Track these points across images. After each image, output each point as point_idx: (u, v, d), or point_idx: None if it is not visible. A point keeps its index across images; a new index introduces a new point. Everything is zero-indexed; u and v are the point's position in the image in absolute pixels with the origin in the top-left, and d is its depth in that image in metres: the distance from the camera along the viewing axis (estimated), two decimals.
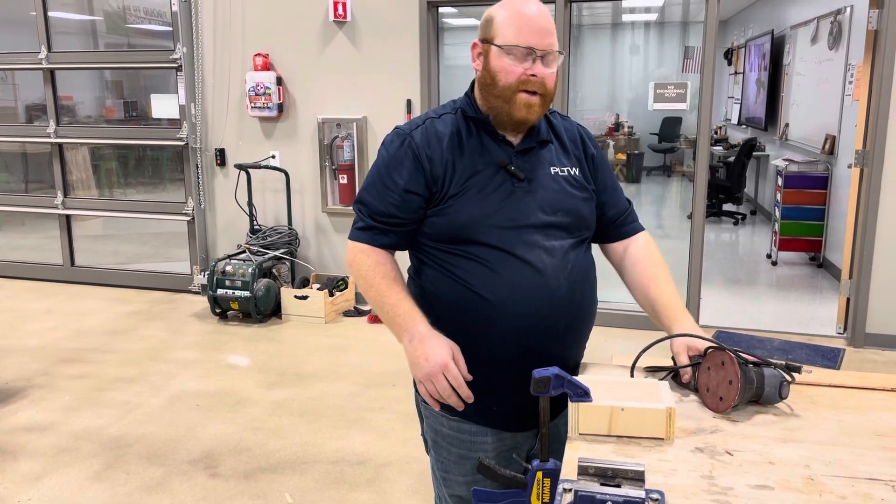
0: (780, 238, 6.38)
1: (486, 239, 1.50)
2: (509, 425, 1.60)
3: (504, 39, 1.47)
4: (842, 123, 5.99)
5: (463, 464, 1.62)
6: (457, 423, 1.60)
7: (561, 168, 1.58)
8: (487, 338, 1.50)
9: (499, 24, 1.49)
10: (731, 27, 11.24)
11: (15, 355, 4.41)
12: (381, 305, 1.53)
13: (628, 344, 4.57)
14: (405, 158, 1.53)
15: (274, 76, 5.18)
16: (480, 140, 1.54)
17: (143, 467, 3.11)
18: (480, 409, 1.55)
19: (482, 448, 1.60)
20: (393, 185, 1.53)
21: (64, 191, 6.04)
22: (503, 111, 1.50)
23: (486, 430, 1.60)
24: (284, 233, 5.29)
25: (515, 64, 1.47)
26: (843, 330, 4.68)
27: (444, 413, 1.59)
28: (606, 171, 1.68)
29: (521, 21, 1.47)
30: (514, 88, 1.47)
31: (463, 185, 1.51)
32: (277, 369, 4.19)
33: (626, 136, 9.32)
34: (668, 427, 1.35)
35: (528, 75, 1.46)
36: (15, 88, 6.38)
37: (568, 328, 1.59)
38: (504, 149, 1.55)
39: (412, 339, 1.46)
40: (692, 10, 6.72)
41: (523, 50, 1.46)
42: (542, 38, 1.47)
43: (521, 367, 1.48)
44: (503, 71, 1.47)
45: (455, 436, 1.62)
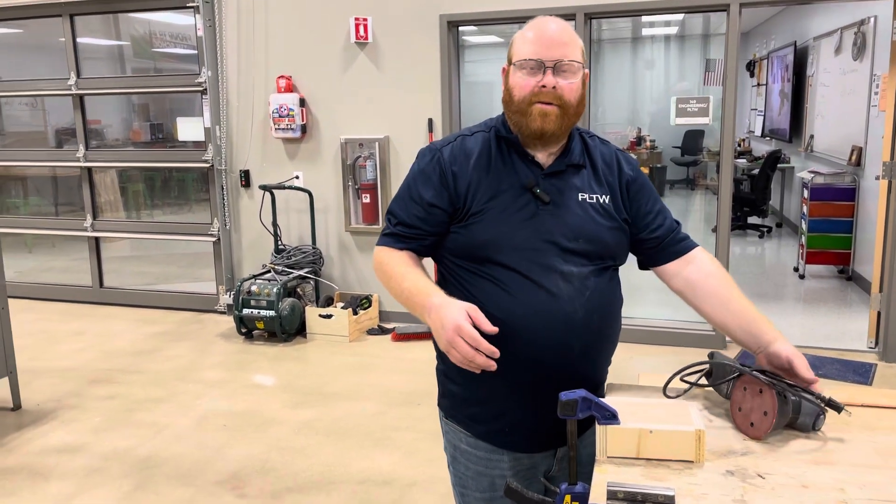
0: (807, 251, 6.29)
1: (504, 260, 1.49)
2: (524, 447, 1.59)
3: (519, 56, 1.50)
4: (868, 134, 5.92)
5: (480, 480, 1.62)
6: (474, 441, 1.60)
7: (590, 195, 1.56)
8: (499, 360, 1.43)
9: (517, 43, 1.53)
10: (752, 39, 11.18)
11: (46, 377, 4.47)
12: (400, 292, 1.51)
13: (654, 361, 4.52)
14: (432, 173, 1.56)
15: (297, 98, 5.25)
16: (511, 160, 1.54)
17: (172, 488, 3.13)
18: (494, 430, 1.57)
19: (499, 466, 1.59)
20: (419, 199, 1.56)
21: (93, 213, 6.14)
22: (522, 125, 1.50)
23: (502, 451, 1.59)
24: (308, 252, 5.33)
25: (528, 77, 1.48)
26: (875, 344, 4.60)
27: (461, 429, 1.61)
28: (648, 194, 1.64)
29: (534, 37, 1.49)
30: (528, 101, 1.48)
31: (485, 205, 1.51)
32: (303, 389, 4.21)
33: (648, 149, 9.29)
34: (698, 449, 1.34)
35: (539, 87, 1.46)
36: (45, 113, 6.53)
37: (584, 354, 1.55)
38: (532, 170, 1.54)
39: (429, 312, 1.40)
40: (713, 23, 6.70)
41: (533, 62, 1.47)
42: (553, 49, 1.46)
43: (536, 391, 1.49)
44: (517, 86, 1.50)
45: (472, 452, 1.61)
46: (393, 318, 5.40)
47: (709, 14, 5.70)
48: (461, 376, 1.55)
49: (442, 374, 1.65)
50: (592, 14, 4.67)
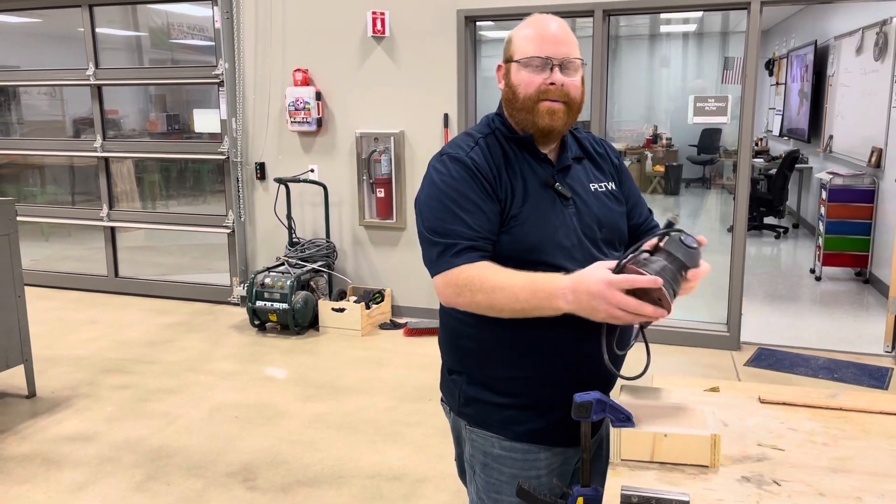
0: (824, 252, 6.23)
1: (552, 260, 1.47)
2: (566, 440, 1.56)
3: (522, 53, 1.49)
4: (889, 136, 5.85)
5: (515, 483, 1.58)
6: (510, 444, 1.57)
7: (599, 184, 1.59)
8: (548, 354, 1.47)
9: (517, 41, 1.52)
10: (772, 37, 11.07)
11: (60, 365, 4.51)
12: (516, 300, 1.38)
13: (668, 361, 4.50)
14: (475, 180, 1.48)
15: (313, 91, 5.25)
16: (526, 160, 1.53)
17: (183, 479, 3.15)
18: (537, 428, 1.55)
19: (535, 465, 1.57)
20: (472, 206, 1.46)
21: (109, 203, 6.18)
22: (528, 122, 1.50)
23: (539, 448, 1.57)
24: (322, 246, 5.34)
25: (534, 75, 1.47)
26: (892, 348, 4.55)
27: (495, 434, 1.58)
28: (630, 181, 1.67)
29: (537, 34, 1.49)
30: (534, 98, 1.47)
31: (521, 207, 1.49)
32: (314, 382, 4.22)
33: (664, 147, 9.23)
34: (713, 454, 1.32)
35: (547, 84, 1.46)
36: (63, 103, 6.57)
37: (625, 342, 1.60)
38: (545, 167, 1.54)
39: (566, 296, 1.32)
40: (732, 21, 6.64)
41: (541, 59, 1.47)
42: (559, 47, 1.47)
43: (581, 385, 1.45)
44: (522, 83, 1.48)
45: (507, 456, 1.58)
46: (405, 313, 5.40)
47: (728, 12, 5.65)
48: (500, 383, 1.54)
49: (465, 384, 1.60)
50: (611, 11, 4.63)
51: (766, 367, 4.35)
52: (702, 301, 5.30)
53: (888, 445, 1.39)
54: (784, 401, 1.63)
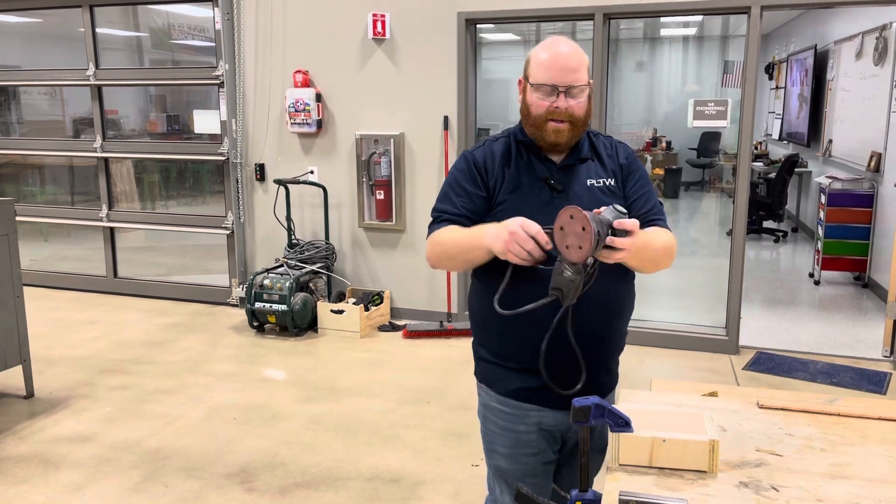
0: (823, 257, 6.24)
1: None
2: (548, 403, 1.76)
3: (535, 78, 1.73)
4: (888, 141, 5.86)
5: (506, 436, 1.82)
6: (502, 398, 1.81)
7: (597, 180, 1.79)
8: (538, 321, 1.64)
9: (533, 64, 1.75)
10: (772, 41, 11.09)
11: (59, 365, 4.51)
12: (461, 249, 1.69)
13: (666, 364, 4.50)
14: (469, 172, 1.81)
15: (313, 93, 5.25)
16: (528, 160, 1.79)
17: (180, 480, 3.14)
18: (527, 388, 1.77)
19: (524, 421, 1.79)
20: (462, 191, 1.79)
21: (109, 204, 6.18)
22: (538, 136, 1.76)
23: (529, 407, 1.78)
24: (321, 247, 5.34)
25: (543, 98, 1.71)
26: (890, 353, 4.55)
27: (491, 389, 1.82)
28: (637, 179, 1.83)
29: (549, 62, 1.70)
30: (543, 118, 1.72)
31: (508, 195, 1.76)
32: (313, 384, 4.22)
33: (663, 150, 9.23)
34: (712, 459, 1.33)
35: (553, 108, 1.70)
36: (63, 103, 6.57)
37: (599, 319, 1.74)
38: (547, 166, 1.78)
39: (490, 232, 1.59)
40: (732, 25, 6.64)
41: (548, 87, 1.70)
42: (565, 76, 1.69)
43: (561, 349, 1.65)
44: (534, 104, 1.73)
45: (500, 409, 1.82)
46: (404, 315, 5.40)
47: (728, 16, 5.66)
48: (496, 345, 1.81)
49: (477, 346, 1.88)
50: (611, 14, 4.64)
51: (765, 372, 4.36)
52: (701, 304, 5.31)
53: (886, 451, 1.40)
54: (782, 406, 1.63)
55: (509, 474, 1.85)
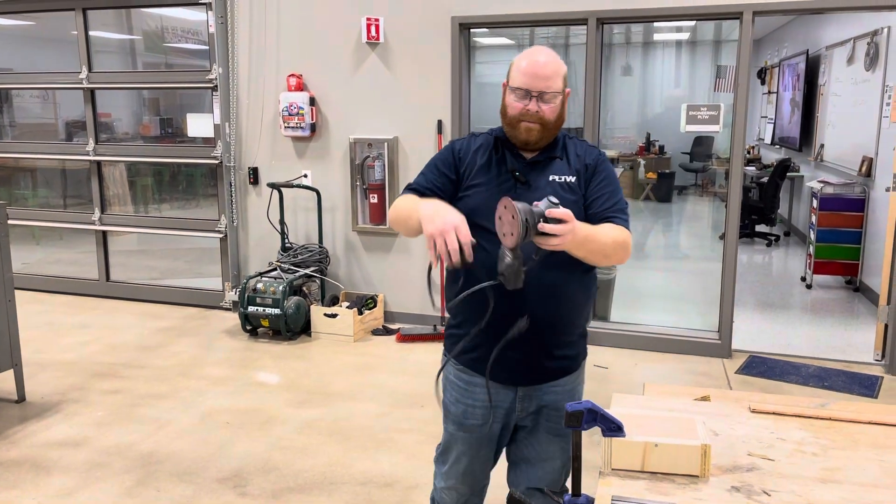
0: (815, 261, 6.27)
1: (486, 224, 1.78)
2: (499, 377, 1.93)
3: (513, 82, 1.91)
4: (879, 145, 5.89)
5: (457, 405, 2.03)
6: (458, 372, 2.02)
7: (559, 176, 1.95)
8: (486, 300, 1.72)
9: (513, 69, 1.92)
10: (764, 46, 11.15)
11: (50, 369, 4.49)
12: (406, 216, 1.87)
13: (658, 369, 4.51)
14: (446, 156, 2.02)
15: (307, 96, 5.25)
16: (503, 154, 1.98)
17: (173, 485, 3.13)
18: (473, 358, 1.95)
19: (472, 395, 1.99)
20: (435, 170, 2.00)
21: (101, 207, 6.16)
22: (512, 135, 1.94)
23: (476, 382, 1.97)
24: (315, 251, 5.33)
25: (518, 101, 1.90)
26: (881, 357, 4.58)
27: (455, 362, 2.01)
28: (601, 179, 1.95)
29: (525, 69, 1.88)
30: (517, 119, 1.91)
31: (476, 181, 1.95)
32: (306, 388, 4.21)
33: (656, 155, 9.27)
34: (704, 464, 1.33)
35: (525, 110, 1.88)
36: (56, 106, 6.55)
37: (543, 304, 1.85)
38: (518, 161, 1.96)
39: (426, 207, 1.73)
40: (724, 30, 6.68)
41: (522, 91, 1.88)
42: (538, 82, 1.86)
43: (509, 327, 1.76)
44: (510, 106, 1.92)
45: (456, 382, 2.03)
46: (398, 319, 5.40)
47: (720, 21, 5.69)
48: (458, 318, 1.99)
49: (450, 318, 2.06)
50: (605, 19, 4.65)
51: (757, 375, 4.37)
52: (694, 308, 5.32)
53: (877, 456, 1.40)
54: (774, 410, 1.64)
55: (457, 440, 2.06)
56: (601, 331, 4.93)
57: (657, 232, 8.34)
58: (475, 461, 2.07)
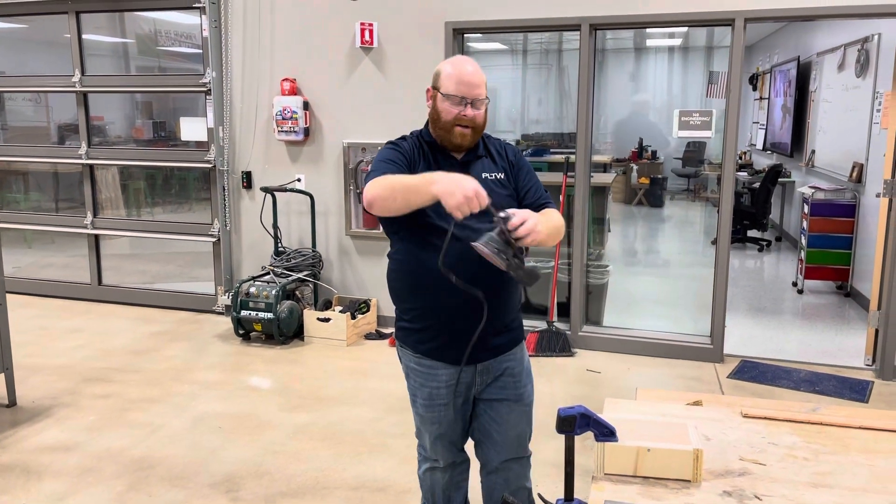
0: (806, 266, 6.30)
1: (434, 221, 1.99)
2: (455, 360, 2.10)
3: (446, 90, 2.07)
4: (869, 152, 5.93)
5: (423, 389, 2.19)
6: (418, 359, 2.16)
7: (490, 174, 2.14)
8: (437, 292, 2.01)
9: (443, 77, 2.09)
10: (755, 52, 11.21)
11: (42, 374, 4.47)
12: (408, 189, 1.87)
13: (651, 372, 4.52)
14: (398, 154, 2.09)
15: (301, 101, 5.25)
16: (434, 157, 2.13)
17: (165, 489, 3.12)
18: (434, 347, 2.12)
19: (436, 378, 2.15)
20: (394, 164, 2.04)
21: (93, 211, 6.14)
22: (445, 138, 2.09)
23: (440, 364, 2.13)
24: (308, 255, 5.33)
25: (452, 107, 2.06)
26: (872, 362, 4.60)
27: (413, 352, 2.16)
28: (525, 174, 2.20)
29: (458, 77, 2.06)
30: (451, 123, 2.07)
31: None
32: (299, 392, 4.21)
33: (648, 160, 9.30)
34: (696, 469, 1.34)
35: (461, 115, 2.05)
36: (48, 109, 6.53)
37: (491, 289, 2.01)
38: (450, 161, 2.12)
39: (439, 179, 1.81)
40: (717, 36, 6.71)
41: (458, 98, 2.05)
42: (472, 90, 2.05)
43: (462, 314, 2.01)
44: (444, 111, 2.07)
45: (418, 368, 2.17)
46: (391, 324, 5.40)
47: (713, 27, 5.72)
48: (410, 313, 2.14)
49: (398, 313, 2.20)
50: (598, 25, 4.67)
51: (749, 380, 4.39)
52: (686, 313, 5.34)
53: (867, 460, 1.41)
54: (766, 415, 1.65)
55: (427, 420, 2.22)
56: (594, 335, 4.94)
57: (650, 237, 8.38)
58: (447, 436, 2.24)
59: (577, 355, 4.82)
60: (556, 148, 7.50)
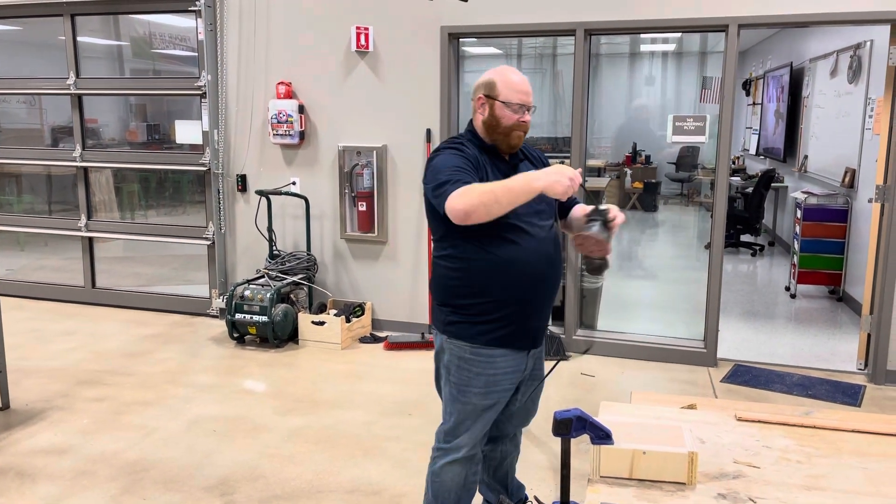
0: (799, 270, 6.33)
1: (514, 221, 2.19)
2: (515, 346, 2.28)
3: (506, 98, 2.25)
4: (862, 157, 5.97)
5: (480, 378, 2.28)
6: (476, 349, 2.27)
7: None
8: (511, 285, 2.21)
9: (500, 87, 2.27)
10: (749, 58, 11.27)
11: (35, 376, 4.45)
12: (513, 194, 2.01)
13: (645, 376, 4.54)
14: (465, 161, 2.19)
15: (296, 104, 5.26)
16: (490, 160, 2.31)
17: (159, 493, 3.12)
18: (503, 336, 2.26)
19: (494, 365, 2.27)
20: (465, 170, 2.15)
21: (87, 213, 6.12)
22: (503, 142, 2.29)
23: (503, 352, 2.27)
24: (303, 258, 5.33)
25: (513, 114, 2.26)
26: (864, 366, 4.63)
27: (471, 343, 2.27)
28: None
29: (517, 87, 2.26)
30: (511, 128, 2.27)
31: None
32: (293, 395, 4.21)
33: (642, 164, 9.33)
34: (691, 471, 1.35)
35: (520, 121, 2.28)
36: (42, 112, 6.51)
37: (553, 280, 2.30)
38: (504, 165, 2.31)
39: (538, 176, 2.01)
40: (710, 41, 6.74)
41: (517, 105, 2.26)
42: (528, 98, 2.28)
43: (532, 304, 2.25)
44: (505, 118, 2.26)
45: (475, 358, 2.28)
46: (385, 327, 5.40)
47: (706, 33, 5.75)
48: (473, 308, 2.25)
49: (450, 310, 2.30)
50: (592, 30, 4.70)
51: (742, 384, 4.41)
52: (679, 317, 5.36)
53: (860, 463, 1.43)
54: (759, 419, 1.66)
55: (479, 408, 2.32)
56: (588, 339, 4.95)
57: (643, 241, 8.40)
58: (490, 421, 2.38)
59: (572, 359, 4.84)
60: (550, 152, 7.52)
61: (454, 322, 2.31)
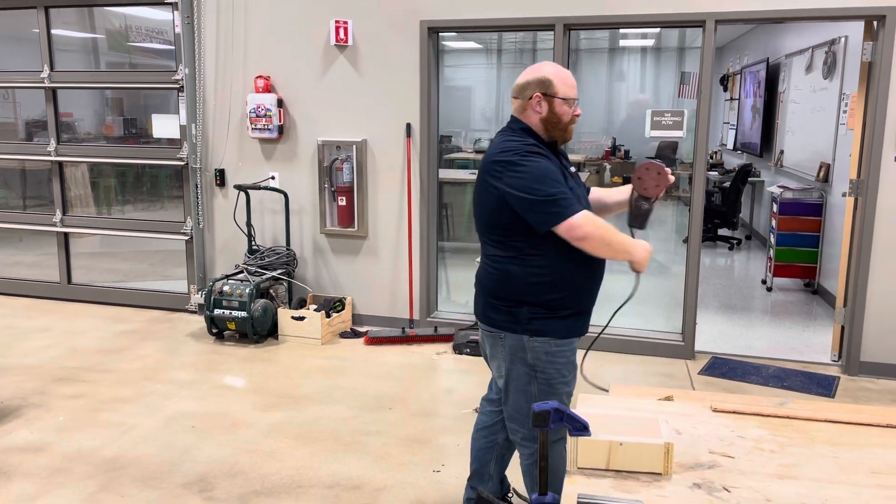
0: (775, 264, 6.41)
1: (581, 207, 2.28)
2: (584, 331, 2.45)
3: (564, 94, 2.34)
4: (836, 152, 6.05)
5: (567, 366, 2.39)
6: (559, 342, 2.36)
7: (571, 166, 2.43)
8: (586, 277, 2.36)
9: (557, 84, 2.34)
10: (726, 54, 11.37)
11: (10, 374, 4.39)
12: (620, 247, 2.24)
13: (624, 369, 4.58)
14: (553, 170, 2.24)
15: (275, 98, 5.23)
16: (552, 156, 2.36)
17: (137, 490, 3.09)
18: (578, 325, 2.40)
19: (574, 352, 2.42)
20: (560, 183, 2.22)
21: (63, 208, 6.04)
22: (561, 137, 2.39)
23: (573, 340, 2.40)
24: (282, 253, 5.30)
25: (569, 109, 2.36)
26: (838, 358, 4.70)
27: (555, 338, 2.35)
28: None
29: (570, 82, 2.36)
30: (568, 123, 2.38)
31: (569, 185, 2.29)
32: (273, 391, 4.19)
33: (622, 159, 9.38)
34: (667, 462, 1.36)
35: (576, 115, 2.40)
36: (15, 105, 6.41)
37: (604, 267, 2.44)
38: (560, 159, 2.37)
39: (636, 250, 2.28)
40: (688, 37, 6.78)
41: (574, 100, 2.37)
42: (576, 91, 2.39)
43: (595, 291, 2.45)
44: (564, 113, 2.35)
45: (560, 350, 2.36)
46: (366, 322, 5.39)
47: (684, 28, 5.79)
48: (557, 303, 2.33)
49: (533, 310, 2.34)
50: (571, 26, 4.71)
51: (719, 376, 4.46)
52: (658, 311, 5.41)
53: (832, 452, 1.45)
54: (734, 409, 1.68)
55: (565, 395, 2.40)
56: None
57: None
58: None
59: None
60: None
61: (538, 318, 2.34)
